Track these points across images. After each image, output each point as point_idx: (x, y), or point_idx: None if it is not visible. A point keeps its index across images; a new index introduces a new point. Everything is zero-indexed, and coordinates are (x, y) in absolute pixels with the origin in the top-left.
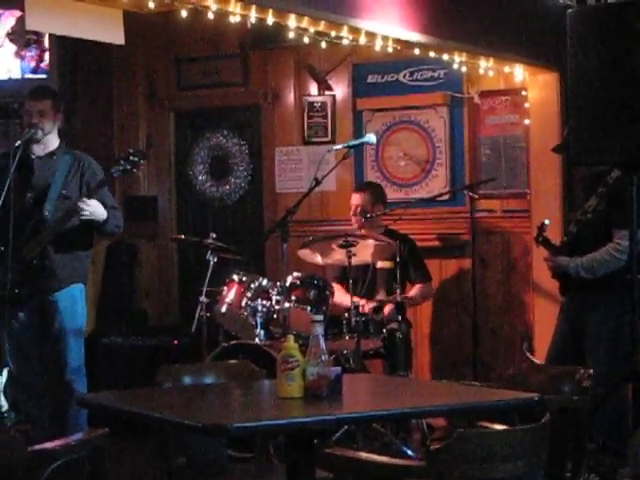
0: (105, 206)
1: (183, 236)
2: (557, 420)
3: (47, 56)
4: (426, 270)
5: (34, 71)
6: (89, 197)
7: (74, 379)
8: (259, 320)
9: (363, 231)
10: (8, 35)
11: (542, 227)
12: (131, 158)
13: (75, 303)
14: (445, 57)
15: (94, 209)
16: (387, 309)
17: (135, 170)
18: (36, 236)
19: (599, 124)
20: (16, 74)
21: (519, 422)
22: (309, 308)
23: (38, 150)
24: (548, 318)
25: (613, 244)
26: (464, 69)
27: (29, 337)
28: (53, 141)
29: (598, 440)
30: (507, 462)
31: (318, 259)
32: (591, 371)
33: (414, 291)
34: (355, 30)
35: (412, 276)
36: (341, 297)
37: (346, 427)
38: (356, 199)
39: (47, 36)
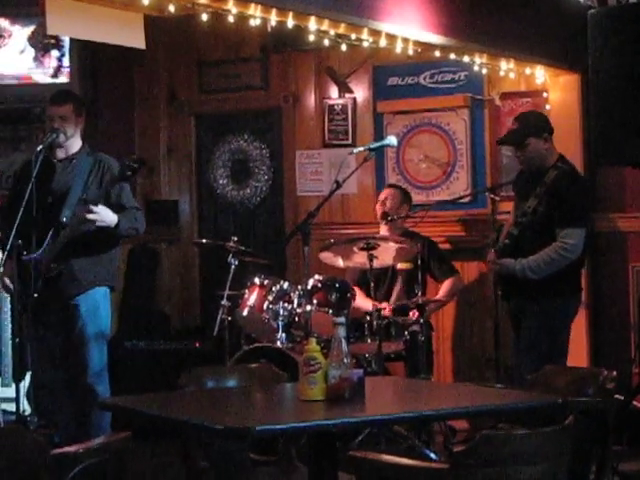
0: (123, 208)
1: (204, 240)
2: (580, 422)
3: (68, 61)
4: (451, 265)
5: (55, 76)
6: (95, 204)
7: (96, 382)
8: (281, 323)
9: (383, 233)
10: (29, 40)
11: (500, 230)
12: (130, 165)
13: (97, 307)
14: (466, 59)
15: (102, 216)
16: (413, 315)
17: (133, 178)
18: (54, 241)
19: (621, 125)
20: (37, 79)
21: (542, 425)
22: (331, 311)
23: (60, 154)
24: None
25: (559, 243)
26: (485, 71)
27: (52, 340)
28: (75, 145)
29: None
30: (531, 465)
31: (339, 262)
32: (614, 373)
33: (444, 289)
34: (375, 32)
35: (437, 274)
36: (361, 301)
37: (368, 430)
38: (388, 192)
39: (68, 40)
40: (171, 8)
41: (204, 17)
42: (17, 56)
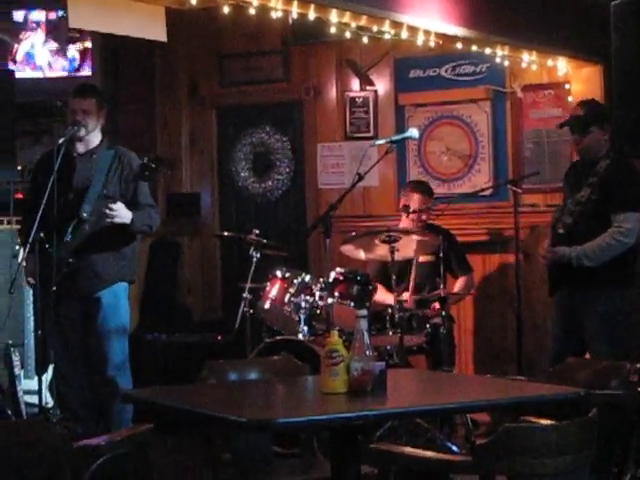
0: (138, 204)
1: (226, 232)
2: (604, 415)
3: (90, 54)
4: (467, 262)
5: (77, 69)
6: (115, 202)
7: (118, 376)
8: (302, 316)
9: (404, 225)
10: (51, 33)
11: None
12: (148, 165)
13: (118, 301)
14: (487, 51)
15: (118, 213)
16: (434, 307)
17: (152, 178)
18: (74, 237)
19: None
20: (59, 72)
21: (565, 418)
22: (352, 304)
23: (80, 148)
24: None
25: (615, 228)
26: (506, 63)
27: (74, 334)
28: (95, 139)
29: None
30: (554, 457)
31: (361, 255)
32: (638, 365)
33: (458, 285)
34: (397, 24)
35: (455, 269)
36: (382, 295)
37: (390, 422)
38: (417, 201)
39: (89, 34)
40: (193, 1)
41: (225, 10)
42: (39, 49)
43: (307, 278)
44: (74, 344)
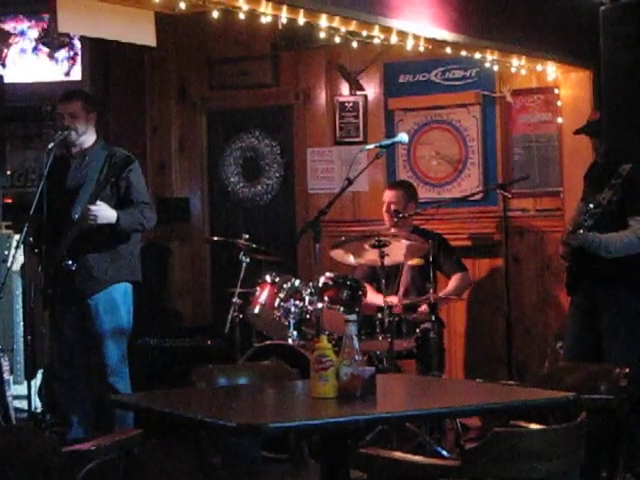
0: (132, 202)
1: (215, 237)
2: (593, 419)
3: (79, 58)
4: (460, 261)
5: (67, 74)
6: (94, 203)
7: (115, 381)
8: (292, 321)
9: (393, 230)
10: (41, 38)
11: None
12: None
13: (115, 305)
14: (477, 56)
15: (101, 213)
16: (421, 308)
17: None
18: (65, 238)
19: (633, 121)
20: (49, 77)
21: (554, 422)
22: (342, 308)
23: (75, 151)
24: None
25: (637, 227)
26: (496, 68)
27: (71, 335)
28: (89, 141)
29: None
30: (543, 462)
31: (350, 259)
32: (627, 370)
33: (452, 284)
34: (386, 29)
35: (446, 269)
36: (372, 297)
37: (380, 427)
38: (389, 196)
39: (79, 38)
40: (182, 6)
41: (215, 14)
42: (29, 54)
43: (297, 283)
44: (71, 346)
